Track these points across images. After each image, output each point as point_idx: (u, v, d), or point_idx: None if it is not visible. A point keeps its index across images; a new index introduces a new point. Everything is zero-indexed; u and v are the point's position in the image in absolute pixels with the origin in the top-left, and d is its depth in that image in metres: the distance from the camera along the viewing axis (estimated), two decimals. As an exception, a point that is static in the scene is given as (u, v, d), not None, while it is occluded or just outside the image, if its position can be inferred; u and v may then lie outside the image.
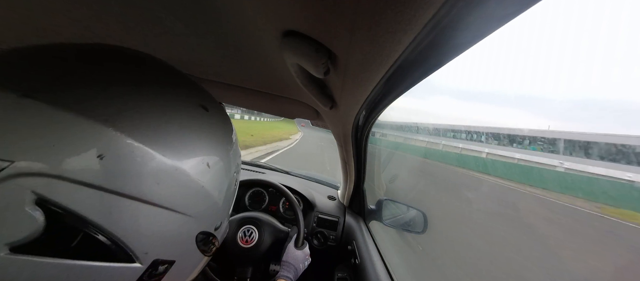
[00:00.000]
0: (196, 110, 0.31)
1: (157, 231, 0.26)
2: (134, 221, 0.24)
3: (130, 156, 0.23)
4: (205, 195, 0.30)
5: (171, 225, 0.27)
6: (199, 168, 0.29)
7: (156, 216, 0.26)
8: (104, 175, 0.22)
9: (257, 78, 0.59)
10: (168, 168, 0.26)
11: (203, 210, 0.31)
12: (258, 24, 0.32)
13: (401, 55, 0.27)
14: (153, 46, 0.47)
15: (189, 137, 0.29)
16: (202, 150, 0.30)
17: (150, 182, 0.24)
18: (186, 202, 0.28)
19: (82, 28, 0.43)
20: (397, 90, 0.43)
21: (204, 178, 0.29)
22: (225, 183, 0.35)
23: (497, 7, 0.20)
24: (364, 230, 1.06)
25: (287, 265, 0.76)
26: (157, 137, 0.25)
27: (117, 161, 0.23)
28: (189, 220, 0.29)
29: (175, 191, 0.27)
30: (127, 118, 0.24)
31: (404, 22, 0.21)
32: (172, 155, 0.26)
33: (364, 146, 0.85)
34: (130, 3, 0.34)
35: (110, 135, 0.22)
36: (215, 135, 0.33)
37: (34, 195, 0.19)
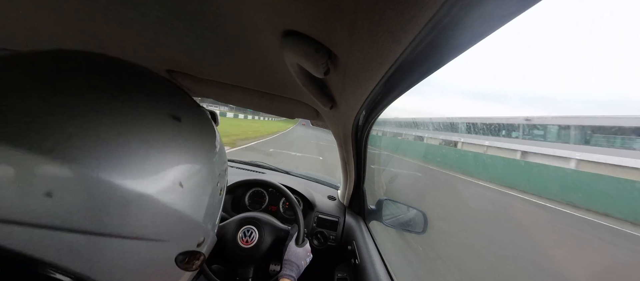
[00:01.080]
0: (165, 123, 0.27)
1: (128, 262, 0.24)
2: (99, 256, 0.22)
3: (84, 189, 0.21)
4: (179, 217, 0.28)
5: (144, 254, 0.25)
6: (169, 190, 0.26)
7: (124, 248, 0.24)
8: (55, 213, 0.20)
9: (257, 78, 0.59)
10: (131, 197, 0.23)
11: (180, 231, 0.29)
12: (258, 24, 0.32)
13: (401, 55, 0.27)
14: (153, 46, 0.47)
15: (156, 157, 0.25)
16: (172, 169, 0.27)
17: (111, 214, 0.22)
18: (157, 229, 0.26)
19: (76, 29, 0.43)
20: (397, 90, 0.43)
21: (176, 200, 0.27)
22: (205, 197, 0.32)
23: (497, 7, 0.20)
24: (364, 230, 1.06)
25: (289, 263, 0.76)
26: (116, 163, 0.22)
27: (70, 196, 0.20)
28: (164, 245, 0.27)
29: (143, 220, 0.24)
30: (76, 146, 0.21)
31: (404, 22, 0.21)
32: (135, 182, 0.23)
33: (364, 146, 0.85)
34: (129, 3, 0.34)
35: (58, 169, 0.20)
36: (189, 148, 0.29)
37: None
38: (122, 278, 0.24)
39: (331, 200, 1.24)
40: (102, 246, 0.22)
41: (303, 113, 0.80)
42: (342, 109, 0.56)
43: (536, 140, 9.41)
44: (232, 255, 0.82)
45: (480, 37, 0.24)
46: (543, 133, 9.69)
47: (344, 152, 0.97)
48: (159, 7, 0.33)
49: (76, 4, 0.36)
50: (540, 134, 9.69)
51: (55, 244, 0.20)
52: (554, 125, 9.66)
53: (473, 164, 8.80)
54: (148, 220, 0.25)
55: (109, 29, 0.43)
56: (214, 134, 0.36)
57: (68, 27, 0.43)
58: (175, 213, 0.27)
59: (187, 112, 0.31)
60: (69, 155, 0.20)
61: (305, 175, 1.51)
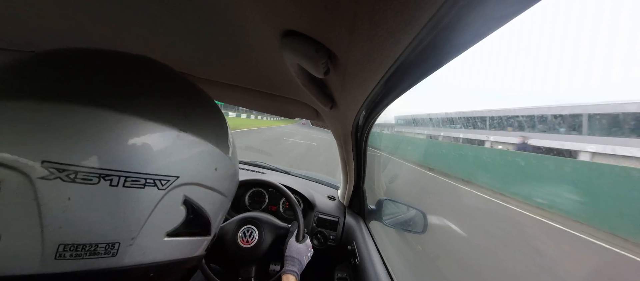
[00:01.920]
0: (223, 119, 0.38)
1: (222, 212, 0.37)
2: (216, 208, 0.34)
3: (227, 165, 0.34)
4: (233, 181, 0.39)
5: (225, 205, 0.37)
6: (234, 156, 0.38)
7: (222, 201, 0.35)
8: (216, 181, 0.32)
9: (257, 78, 0.59)
10: (233, 169, 0.37)
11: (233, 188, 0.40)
12: (258, 24, 0.32)
13: (401, 55, 0.27)
14: (152, 46, 0.47)
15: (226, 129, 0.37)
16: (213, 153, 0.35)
17: (227, 180, 0.35)
18: (232, 187, 0.38)
19: (79, 30, 0.43)
20: (397, 90, 0.43)
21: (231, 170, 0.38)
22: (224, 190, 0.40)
23: (497, 7, 0.20)
24: (364, 230, 1.06)
25: (291, 259, 0.76)
26: (230, 149, 0.36)
27: (223, 170, 0.33)
28: (226, 200, 0.37)
29: (230, 183, 0.37)
30: (222, 139, 0.34)
31: (404, 22, 0.21)
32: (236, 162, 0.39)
33: (364, 146, 0.85)
34: (129, 3, 0.34)
35: (220, 153, 0.32)
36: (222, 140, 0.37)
37: (183, 197, 0.28)
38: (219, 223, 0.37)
39: (331, 200, 1.24)
40: (217, 201, 0.34)
41: (303, 113, 0.80)
42: (342, 109, 0.56)
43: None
44: (233, 255, 0.82)
45: (480, 37, 0.24)
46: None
47: (344, 152, 0.97)
48: (158, 7, 0.33)
49: (75, 5, 0.36)
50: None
51: (213, 201, 0.32)
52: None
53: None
54: (231, 181, 0.37)
55: (109, 29, 0.43)
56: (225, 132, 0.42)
57: (67, 28, 0.43)
58: (232, 178, 0.37)
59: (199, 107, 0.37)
60: (221, 144, 0.33)
61: (305, 175, 1.51)
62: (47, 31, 0.46)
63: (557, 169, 5.56)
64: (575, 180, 4.99)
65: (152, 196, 0.25)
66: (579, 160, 6.59)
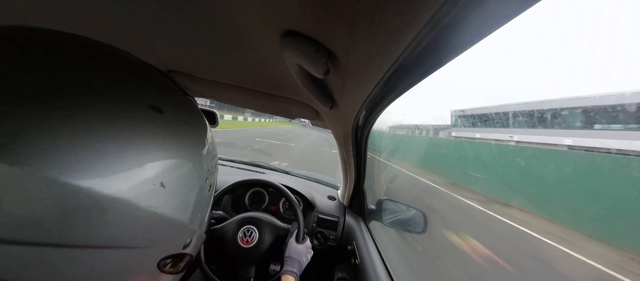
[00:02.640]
0: (143, 115, 0.24)
1: (103, 272, 0.22)
2: (75, 270, 0.19)
3: (39, 195, 0.17)
4: (161, 221, 0.25)
5: (120, 264, 0.23)
6: (148, 193, 0.23)
7: (102, 258, 0.21)
8: (7, 224, 0.17)
9: (257, 78, 0.59)
10: (104, 203, 0.20)
11: (162, 236, 0.26)
12: (258, 24, 0.32)
13: (401, 55, 0.27)
14: (152, 46, 0.47)
15: (131, 155, 0.22)
16: (152, 168, 0.24)
17: (77, 222, 0.19)
18: (135, 235, 0.23)
19: (77, 28, 0.43)
20: (397, 90, 0.43)
21: (157, 202, 0.24)
22: (191, 196, 0.29)
23: (497, 7, 0.20)
24: (364, 230, 1.06)
25: (291, 260, 0.76)
26: (80, 163, 0.19)
27: (21, 204, 0.17)
28: (143, 252, 0.24)
29: (117, 226, 0.21)
30: (27, 143, 0.17)
31: (404, 22, 0.21)
32: (104, 184, 0.20)
33: (364, 146, 0.85)
34: (129, 2, 0.34)
35: (9, 172, 0.16)
36: (172, 143, 0.26)
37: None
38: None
39: (331, 200, 1.24)
40: (74, 258, 0.19)
41: (303, 113, 0.80)
42: (342, 109, 0.56)
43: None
44: (233, 255, 0.82)
45: (480, 37, 0.24)
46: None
47: (344, 152, 0.97)
48: (158, 7, 0.33)
49: (74, 4, 0.36)
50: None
51: (22, 260, 0.17)
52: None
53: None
54: (124, 227, 0.21)
55: (108, 29, 0.43)
56: (202, 126, 0.33)
57: (64, 27, 0.43)
58: (156, 217, 0.24)
59: (171, 102, 0.28)
60: (18, 156, 0.17)
61: (305, 175, 1.52)
62: None
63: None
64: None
65: None
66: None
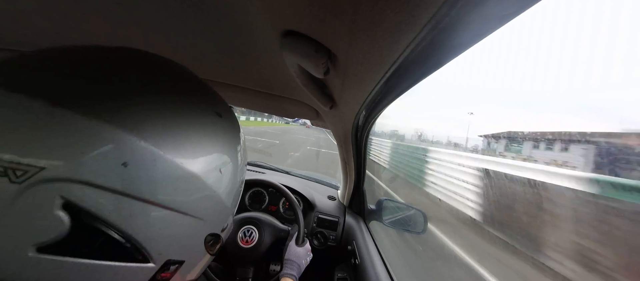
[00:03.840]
0: (212, 118, 0.32)
1: (172, 233, 0.28)
2: (151, 224, 0.25)
3: (151, 164, 0.24)
4: (217, 200, 0.32)
5: (184, 228, 0.29)
6: (212, 175, 0.30)
7: (171, 219, 0.27)
8: (127, 181, 0.23)
9: (257, 78, 0.59)
10: (185, 175, 0.27)
11: (214, 213, 0.32)
12: (258, 24, 0.32)
13: (401, 55, 0.27)
14: (154, 46, 0.47)
15: (205, 145, 0.30)
16: (215, 157, 0.31)
17: (169, 188, 0.26)
18: (199, 206, 0.29)
19: (82, 30, 0.43)
20: (397, 90, 0.43)
21: (216, 184, 0.31)
22: (235, 186, 0.36)
23: (497, 7, 0.20)
24: (364, 230, 1.06)
25: (290, 263, 0.76)
26: (177, 145, 0.26)
27: (140, 168, 0.23)
28: (200, 223, 0.30)
29: (190, 196, 0.28)
30: (150, 127, 0.25)
31: (404, 22, 0.21)
32: (189, 163, 0.27)
33: (364, 146, 0.85)
34: (128, 4, 0.34)
35: (135, 144, 0.23)
36: (227, 141, 0.34)
37: (62, 199, 0.20)
38: (163, 246, 0.27)
39: (331, 200, 1.24)
40: (155, 216, 0.25)
41: (303, 113, 0.80)
42: (342, 109, 0.56)
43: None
44: (232, 255, 0.82)
45: (480, 37, 0.24)
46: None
47: (344, 152, 0.97)
48: (158, 7, 0.34)
49: (74, 4, 0.36)
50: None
51: (119, 208, 0.23)
52: None
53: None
54: (193, 197, 0.28)
55: (108, 30, 0.43)
56: (240, 130, 0.40)
57: (66, 27, 0.43)
58: (214, 195, 0.31)
59: (225, 110, 0.36)
60: (144, 134, 0.24)
61: (305, 175, 1.52)
62: (46, 30, 0.46)
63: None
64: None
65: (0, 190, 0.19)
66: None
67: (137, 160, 0.23)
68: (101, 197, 0.22)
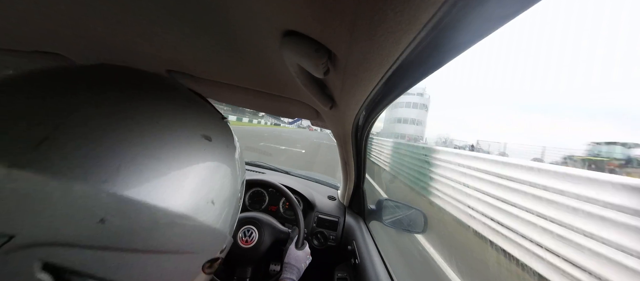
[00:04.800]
0: (200, 144, 0.29)
1: (166, 274, 0.26)
2: (142, 270, 0.24)
3: (132, 213, 0.23)
4: (211, 231, 0.30)
5: (179, 265, 0.28)
6: (203, 209, 0.28)
7: (163, 262, 0.26)
8: (107, 236, 0.22)
9: (256, 78, 0.59)
10: (172, 217, 0.25)
11: (208, 243, 0.31)
12: (258, 24, 0.32)
13: (401, 55, 0.27)
14: (151, 46, 0.47)
15: (192, 179, 0.27)
16: (205, 189, 0.29)
17: (155, 234, 0.24)
18: (192, 242, 0.28)
19: (81, 29, 0.43)
20: (397, 90, 0.43)
21: (209, 216, 0.29)
22: (231, 209, 0.34)
23: (497, 7, 0.20)
24: (364, 230, 1.06)
25: (289, 267, 0.76)
26: (159, 188, 0.24)
27: (120, 221, 0.22)
28: (195, 256, 0.29)
29: (181, 236, 0.27)
30: (126, 175, 0.22)
31: (404, 22, 0.21)
32: (176, 205, 0.25)
33: (364, 146, 0.85)
34: (127, 3, 0.34)
35: (110, 197, 0.21)
36: (219, 166, 0.31)
37: (41, 261, 0.19)
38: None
39: (331, 200, 1.24)
40: (145, 263, 0.24)
41: (303, 114, 0.80)
42: (342, 109, 0.56)
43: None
44: (232, 255, 0.82)
45: (480, 37, 0.24)
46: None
47: (344, 152, 0.97)
48: (157, 7, 0.33)
49: (70, 4, 0.36)
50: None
51: (104, 263, 0.22)
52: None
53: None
54: (185, 236, 0.27)
55: (108, 30, 0.42)
56: (236, 146, 0.37)
57: (64, 28, 0.43)
58: (208, 228, 0.29)
59: (216, 129, 0.33)
60: (119, 185, 0.22)
61: (305, 175, 1.51)
62: (47, 31, 0.46)
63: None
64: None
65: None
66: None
67: (114, 213, 0.22)
68: (83, 255, 0.21)
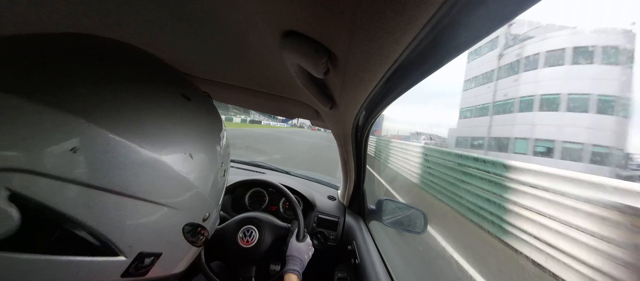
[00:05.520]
0: (177, 99, 0.30)
1: (141, 224, 0.26)
2: (114, 214, 0.24)
3: (106, 149, 0.23)
4: (188, 186, 0.30)
5: (155, 217, 0.27)
6: (180, 159, 0.28)
7: (138, 209, 0.25)
8: (78, 168, 0.21)
9: (257, 78, 0.59)
10: (147, 160, 0.25)
11: (187, 201, 0.30)
12: (258, 24, 0.32)
13: (401, 55, 0.27)
14: (153, 46, 0.47)
15: (169, 128, 0.28)
16: (183, 141, 0.29)
17: (128, 174, 0.24)
18: (168, 193, 0.28)
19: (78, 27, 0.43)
20: (397, 90, 0.43)
21: (186, 169, 0.29)
22: (211, 173, 0.34)
23: (497, 7, 0.20)
24: (364, 230, 1.06)
25: (292, 259, 0.76)
26: (135, 129, 0.25)
27: (93, 154, 0.22)
28: (173, 212, 0.29)
29: (156, 183, 0.26)
30: (103, 111, 0.23)
31: (404, 22, 0.21)
32: (151, 147, 0.25)
33: (364, 146, 0.85)
34: (128, 4, 0.34)
35: (85, 128, 0.21)
36: (198, 126, 0.32)
37: (8, 191, 0.19)
38: (132, 238, 0.25)
39: (331, 200, 1.24)
40: (116, 204, 0.24)
41: (303, 113, 0.80)
42: (342, 109, 0.56)
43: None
44: (232, 255, 0.82)
45: (480, 37, 0.24)
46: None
47: (344, 152, 0.97)
48: (158, 7, 0.33)
49: (70, 4, 0.36)
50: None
51: (74, 198, 0.21)
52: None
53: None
54: (160, 184, 0.27)
55: (109, 30, 0.42)
56: (220, 120, 0.38)
57: (64, 28, 0.43)
58: (185, 182, 0.29)
59: (196, 95, 0.34)
60: (95, 117, 0.22)
61: (305, 175, 1.52)
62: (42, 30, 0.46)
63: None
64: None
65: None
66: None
67: (87, 145, 0.21)
68: (51, 186, 0.20)
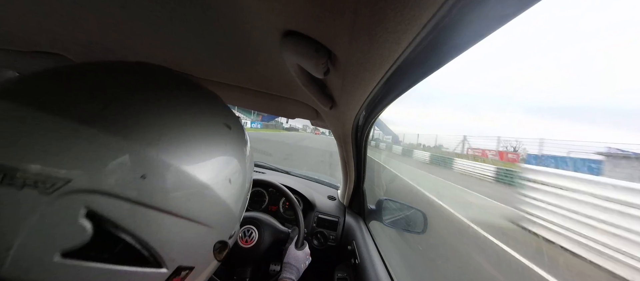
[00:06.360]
0: (222, 130, 0.34)
1: (183, 240, 0.29)
2: (166, 232, 0.27)
3: (167, 175, 0.26)
4: (226, 209, 0.33)
5: (195, 235, 0.30)
6: (223, 185, 0.32)
7: (184, 227, 0.29)
8: (144, 192, 0.25)
9: (257, 79, 0.59)
10: (198, 186, 0.29)
11: (223, 221, 0.34)
12: (258, 24, 0.32)
13: (401, 55, 0.27)
14: (154, 46, 0.47)
15: (216, 157, 0.32)
16: (225, 168, 0.33)
17: (182, 198, 0.28)
18: (210, 214, 0.31)
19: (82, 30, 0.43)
20: (397, 90, 0.43)
21: (226, 194, 0.33)
22: (243, 194, 0.38)
23: (497, 7, 0.20)
24: (364, 230, 1.06)
25: (289, 267, 0.76)
26: (190, 158, 0.28)
27: (157, 180, 0.26)
28: (210, 231, 0.32)
29: (202, 206, 0.30)
30: (166, 142, 0.27)
31: (404, 22, 0.21)
32: (201, 174, 0.29)
33: (364, 146, 0.85)
34: (129, 4, 0.34)
35: (153, 158, 0.25)
36: (236, 152, 0.36)
37: (86, 208, 0.22)
38: (175, 252, 0.29)
39: (331, 200, 1.24)
40: (170, 224, 0.27)
41: (303, 113, 0.80)
42: (342, 109, 0.56)
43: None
44: (232, 255, 0.82)
45: (480, 37, 0.24)
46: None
47: (344, 152, 0.97)
48: (158, 7, 0.33)
49: (70, 4, 0.36)
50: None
51: (137, 217, 0.25)
52: None
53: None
54: (205, 206, 0.30)
55: (109, 30, 0.43)
56: (247, 140, 0.42)
57: (63, 28, 0.43)
58: (223, 204, 0.33)
59: (234, 121, 0.38)
60: (160, 148, 0.26)
61: (305, 175, 1.52)
62: (47, 32, 0.46)
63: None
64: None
65: (30, 200, 0.20)
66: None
67: (154, 172, 0.25)
68: (121, 206, 0.24)
